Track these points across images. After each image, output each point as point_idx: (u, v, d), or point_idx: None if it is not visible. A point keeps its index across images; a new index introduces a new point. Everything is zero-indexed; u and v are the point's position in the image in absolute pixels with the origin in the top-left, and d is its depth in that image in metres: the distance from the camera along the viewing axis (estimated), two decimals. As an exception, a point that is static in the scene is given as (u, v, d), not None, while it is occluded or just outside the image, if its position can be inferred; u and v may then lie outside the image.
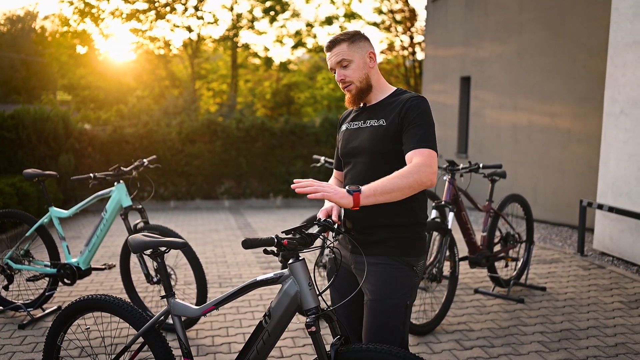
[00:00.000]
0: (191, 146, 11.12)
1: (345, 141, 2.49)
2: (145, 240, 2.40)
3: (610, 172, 6.27)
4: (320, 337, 2.06)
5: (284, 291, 2.12)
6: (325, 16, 21.70)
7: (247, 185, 11.59)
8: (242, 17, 20.31)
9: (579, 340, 4.05)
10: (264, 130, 11.50)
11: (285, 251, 2.04)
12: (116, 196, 4.19)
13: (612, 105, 6.21)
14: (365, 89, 2.40)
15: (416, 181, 2.10)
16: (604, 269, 5.85)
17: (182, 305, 2.40)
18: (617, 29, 6.12)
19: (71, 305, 2.56)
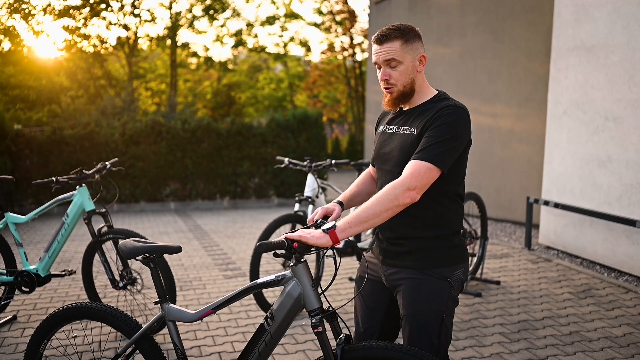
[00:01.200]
0: (135, 148, 10.85)
1: (379, 145, 2.36)
2: (138, 245, 2.35)
3: (554, 170, 6.59)
4: (327, 337, 2.08)
5: (287, 293, 2.12)
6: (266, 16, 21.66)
7: (193, 186, 11.43)
8: (181, 16, 19.98)
9: (537, 330, 4.26)
10: (210, 131, 11.36)
11: (296, 254, 2.03)
12: (78, 200, 4.07)
13: (555, 106, 6.53)
14: (407, 94, 2.22)
15: (392, 202, 2.00)
16: (551, 262, 6.15)
17: (177, 311, 2.35)
18: (560, 34, 6.44)
19: (57, 313, 2.47)
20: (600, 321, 4.44)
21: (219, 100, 21.19)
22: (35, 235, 8.13)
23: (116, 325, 2.41)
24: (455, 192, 2.23)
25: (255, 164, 11.71)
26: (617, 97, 5.66)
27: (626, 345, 3.97)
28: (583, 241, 6.20)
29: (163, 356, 2.39)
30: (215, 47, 24.65)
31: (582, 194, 6.14)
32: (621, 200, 5.65)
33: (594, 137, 5.97)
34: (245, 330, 4.26)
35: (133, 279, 4.12)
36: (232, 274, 5.89)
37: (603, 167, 5.87)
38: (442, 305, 2.17)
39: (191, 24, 20.01)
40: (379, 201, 2.01)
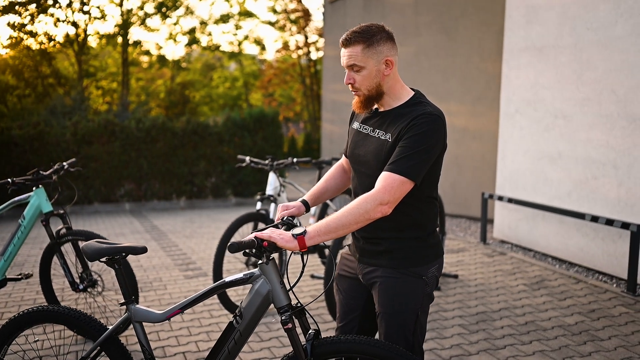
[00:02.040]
0: (88, 148, 10.60)
1: (353, 144, 2.35)
2: (102, 247, 2.31)
3: (507, 167, 6.79)
4: (296, 333, 2.10)
5: (255, 291, 2.13)
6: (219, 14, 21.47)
7: (148, 187, 11.25)
8: (132, 13, 19.61)
9: (494, 322, 4.40)
10: (165, 130, 11.20)
11: (266, 252, 2.05)
12: (35, 202, 3.97)
13: (507, 105, 6.74)
14: (374, 97, 2.20)
15: (363, 216, 2.01)
16: (506, 255, 6.35)
17: (143, 311, 2.33)
18: (511, 35, 6.64)
19: (17, 318, 2.41)
20: (554, 311, 4.62)
21: (172, 99, 20.89)
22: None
23: (80, 328, 2.37)
24: (429, 195, 2.23)
25: (212, 163, 11.62)
26: (566, 96, 5.89)
27: (578, 333, 4.15)
28: (536, 235, 6.43)
29: (130, 357, 2.37)
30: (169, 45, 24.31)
31: (535, 189, 6.36)
32: (571, 194, 5.88)
33: (545, 135, 6.19)
34: (209, 329, 4.25)
35: (93, 280, 4.05)
36: (192, 274, 5.85)
37: (554, 163, 6.09)
38: (417, 303, 2.19)
39: (143, 22, 19.66)
40: (350, 213, 2.01)
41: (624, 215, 5.28)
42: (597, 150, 5.55)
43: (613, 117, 5.37)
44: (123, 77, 19.96)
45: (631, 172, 5.22)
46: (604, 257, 5.55)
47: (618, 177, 5.35)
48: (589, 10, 5.60)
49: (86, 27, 18.94)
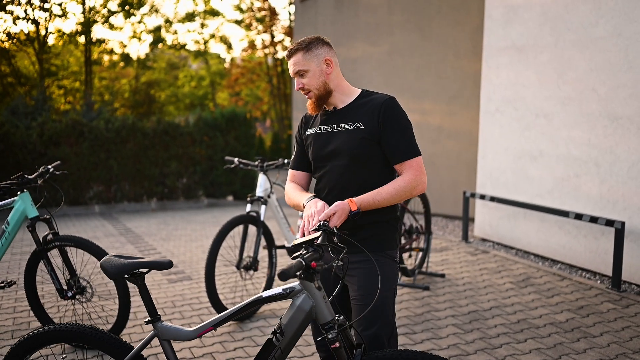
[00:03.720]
0: (55, 149, 10.28)
1: (317, 145, 2.50)
2: (124, 262, 2.19)
3: (487, 165, 6.85)
4: (345, 352, 2.00)
5: (297, 306, 2.04)
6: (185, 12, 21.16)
7: (118, 188, 10.99)
8: (95, 11, 19.14)
9: (487, 320, 4.42)
10: (135, 130, 10.96)
11: (315, 273, 1.98)
12: (20, 207, 3.81)
13: (487, 103, 6.80)
14: (324, 95, 2.46)
15: (407, 195, 2.34)
16: (489, 254, 6.40)
17: (172, 329, 2.21)
18: (491, 34, 6.70)
19: (36, 335, 2.23)
20: (544, 308, 4.66)
21: (137, 98, 20.49)
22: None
23: (104, 347, 2.23)
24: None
25: (183, 163, 11.43)
26: (547, 94, 5.97)
27: (571, 330, 4.19)
28: (517, 233, 6.50)
29: None
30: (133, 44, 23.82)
31: (516, 188, 6.43)
32: (553, 192, 5.96)
33: (526, 133, 6.26)
34: (244, 344, 4.04)
35: (82, 287, 3.90)
36: (176, 277, 5.72)
37: (535, 162, 6.17)
38: (394, 285, 2.40)
39: (107, 20, 19.21)
40: (397, 193, 2.31)
41: (606, 212, 5.38)
42: (579, 149, 5.64)
43: (594, 115, 5.46)
44: (86, 77, 19.48)
45: (613, 170, 5.32)
46: (586, 254, 5.64)
47: (600, 175, 5.44)
48: (569, 10, 5.68)
49: (47, 25, 18.41)
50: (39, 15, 18.21)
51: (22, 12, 18.00)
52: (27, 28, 23.21)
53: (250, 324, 4.41)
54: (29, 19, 18.02)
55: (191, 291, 5.25)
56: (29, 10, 17.92)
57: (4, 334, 4.21)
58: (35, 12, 17.97)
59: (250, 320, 4.49)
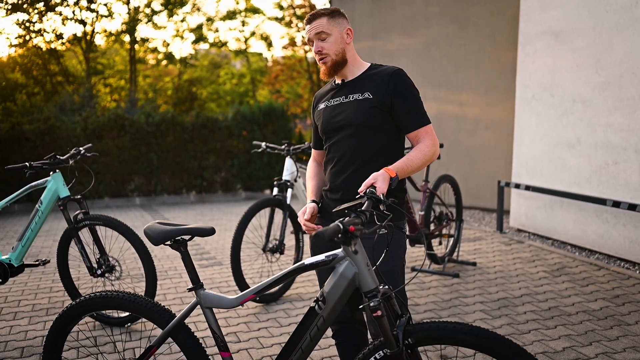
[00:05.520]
0: (98, 142, 10.57)
1: (327, 117, 2.55)
2: (167, 229, 2.19)
3: (524, 154, 6.70)
4: (386, 321, 1.94)
5: (340, 274, 1.98)
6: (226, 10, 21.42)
7: (158, 181, 11.21)
8: (139, 11, 19.58)
9: (516, 307, 4.32)
10: (174, 124, 11.16)
11: (353, 238, 1.92)
12: (52, 186, 3.92)
13: (523, 91, 6.65)
14: (340, 62, 2.48)
15: (429, 160, 2.39)
16: (523, 244, 6.26)
17: (214, 297, 2.21)
18: (527, 20, 6.55)
19: (82, 302, 2.30)
20: (577, 297, 4.53)
21: (180, 96, 20.85)
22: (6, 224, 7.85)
23: (148, 315, 2.26)
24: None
25: (222, 157, 11.57)
26: (585, 80, 5.79)
27: (604, 318, 4.06)
28: (554, 222, 6.33)
29: (200, 345, 2.24)
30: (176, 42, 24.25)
31: (552, 176, 6.27)
32: (591, 181, 5.78)
33: (563, 120, 6.09)
34: (276, 315, 4.13)
35: (111, 266, 4.00)
36: (207, 263, 5.80)
37: (572, 149, 6.00)
38: (403, 255, 2.45)
39: (150, 19, 19.63)
40: (424, 158, 2.35)
41: (646, 200, 5.19)
42: (618, 135, 5.46)
43: (634, 100, 5.27)
44: (131, 75, 19.95)
45: (653, 156, 5.12)
46: (626, 243, 5.45)
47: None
48: (607, -8, 5.50)
49: (93, 25, 18.93)
50: (86, 15, 18.76)
51: (71, 13, 18.60)
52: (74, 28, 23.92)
53: (275, 306, 4.43)
54: (76, 19, 18.58)
55: (220, 275, 5.32)
56: (76, 11, 18.48)
57: (39, 311, 4.36)
58: (83, 12, 18.51)
59: (276, 303, 4.52)
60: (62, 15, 18.52)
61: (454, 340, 1.90)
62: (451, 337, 1.90)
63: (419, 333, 1.93)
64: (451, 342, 1.91)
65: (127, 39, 19.70)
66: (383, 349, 1.98)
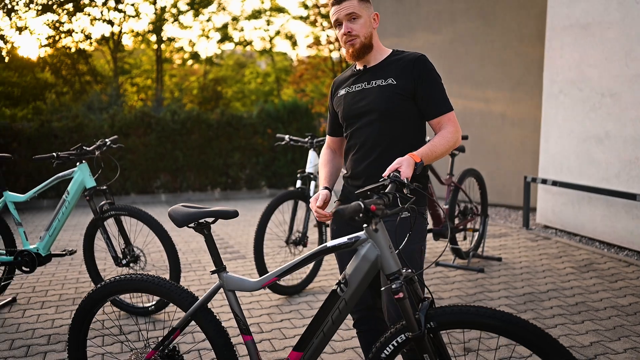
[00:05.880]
0: (124, 139, 10.69)
1: (348, 103, 2.53)
2: (191, 211, 2.20)
3: (550, 149, 6.60)
4: (408, 304, 1.93)
5: (362, 256, 1.98)
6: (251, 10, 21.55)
7: (184, 178, 11.31)
8: (165, 11, 19.79)
9: (542, 302, 4.25)
10: (199, 122, 11.24)
11: (374, 217, 1.91)
12: (79, 177, 3.98)
13: (551, 86, 6.55)
14: (367, 46, 2.46)
15: (453, 146, 2.38)
16: (550, 240, 6.16)
17: (237, 279, 2.22)
18: (554, 14, 6.45)
19: (107, 285, 2.33)
20: (605, 292, 4.44)
21: (205, 95, 21.03)
22: (35, 219, 7.99)
23: (170, 297, 2.28)
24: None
25: (246, 154, 11.62)
26: (614, 73, 5.68)
27: (633, 314, 3.98)
28: (582, 219, 6.22)
29: (222, 328, 2.25)
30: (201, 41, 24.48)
31: (580, 172, 6.16)
32: (620, 176, 5.67)
33: (591, 115, 5.98)
34: (291, 316, 4.10)
35: (136, 256, 4.04)
36: (230, 256, 5.83)
37: (600, 144, 5.89)
38: (423, 239, 2.44)
39: (176, 19, 19.83)
40: (447, 144, 2.34)
41: (678, 195, 5.06)
42: (648, 129, 5.34)
43: (665, 93, 5.15)
44: (157, 74, 20.19)
45: (685, 150, 5.00)
46: (655, 239, 5.34)
47: (671, 156, 5.13)
48: (638, -17, 5.39)
49: (121, 25, 19.20)
50: (114, 16, 19.02)
51: (99, 13, 18.89)
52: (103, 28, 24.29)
53: (298, 299, 4.44)
54: (104, 19, 18.86)
55: (244, 268, 5.35)
56: (104, 11, 18.76)
57: (65, 300, 4.43)
58: (110, 13, 18.78)
59: (299, 295, 4.52)
60: (90, 16, 18.82)
61: (477, 324, 1.87)
62: (474, 320, 1.87)
63: (441, 317, 1.91)
64: (474, 326, 1.89)
65: (154, 39, 19.93)
66: (405, 332, 1.97)
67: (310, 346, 2.12)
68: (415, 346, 1.96)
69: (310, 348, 2.12)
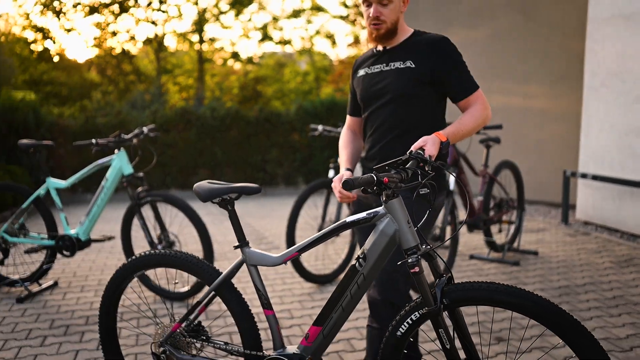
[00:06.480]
0: (165, 135, 10.93)
1: (366, 85, 2.53)
2: (215, 187, 2.26)
3: (591, 143, 6.45)
4: (424, 278, 1.95)
5: (380, 231, 1.99)
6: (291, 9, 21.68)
7: (222, 174, 11.47)
8: (207, 11, 20.09)
9: (579, 295, 4.17)
10: (238, 118, 11.39)
11: (386, 190, 1.91)
12: (117, 164, 4.11)
13: (592, 78, 6.40)
14: (392, 31, 2.44)
15: (482, 124, 2.37)
16: (590, 235, 6.03)
17: (259, 254, 2.26)
18: (596, 4, 6.30)
19: (135, 260, 2.42)
20: (645, 287, 4.33)
21: (245, 94, 21.25)
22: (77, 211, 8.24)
23: (195, 271, 2.34)
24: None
25: (284, 151, 11.71)
26: (658, 64, 5.52)
27: (674, 308, 3.86)
28: (623, 214, 6.06)
29: (245, 302, 2.30)
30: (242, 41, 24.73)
31: (622, 166, 6.00)
32: (663, 169, 5.51)
33: (634, 107, 5.82)
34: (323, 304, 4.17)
35: (171, 242, 4.14)
36: (265, 247, 5.90)
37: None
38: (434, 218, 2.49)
39: (217, 19, 20.10)
40: (476, 122, 2.33)
41: None
42: (693, 121, 5.17)
43: None
44: (198, 74, 20.50)
45: None
46: (700, 235, 5.16)
47: None
48: (683, -30, 5.23)
49: (164, 26, 19.57)
50: (157, 17, 19.41)
51: (143, 14, 19.31)
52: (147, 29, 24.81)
53: (330, 287, 4.47)
54: (148, 20, 19.27)
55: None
56: (148, 12, 19.16)
57: (104, 285, 4.53)
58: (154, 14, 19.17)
59: (331, 284, 4.55)
60: (134, 17, 19.25)
61: (493, 300, 1.86)
62: (490, 297, 1.86)
63: (457, 292, 1.91)
64: (490, 303, 1.88)
65: (196, 39, 20.24)
66: (420, 309, 1.97)
67: (329, 321, 2.14)
68: (431, 322, 1.96)
69: (329, 322, 2.14)
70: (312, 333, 2.19)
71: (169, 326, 2.44)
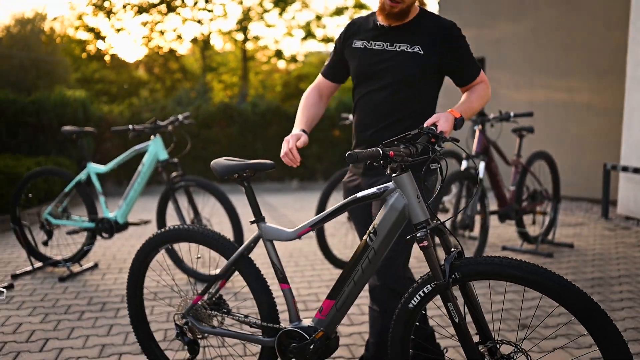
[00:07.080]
0: (207, 131, 11.17)
1: (365, 61, 2.40)
2: (231, 164, 2.34)
3: (633, 136, 6.29)
4: (434, 252, 1.97)
5: (390, 205, 2.01)
6: (335, 7, 21.76)
7: (263, 169, 11.63)
8: (251, 10, 20.37)
9: (612, 287, 4.10)
10: (279, 114, 11.55)
11: (392, 163, 1.93)
12: (153, 149, 4.27)
13: (635, 69, 6.24)
14: (406, 12, 2.30)
15: (486, 102, 2.41)
16: (630, 230, 5.88)
17: (274, 229, 2.33)
18: (639, -7, 6.15)
19: (159, 235, 2.53)
20: (683, 280, 4.22)
21: (288, 91, 21.47)
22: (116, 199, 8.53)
23: (215, 246, 2.44)
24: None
25: (323, 146, 11.80)
26: (703, 53, 5.35)
27: None
28: (665, 208, 5.90)
29: (262, 276, 2.39)
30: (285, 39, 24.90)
31: (664, 159, 5.84)
32: None
33: (677, 98, 5.66)
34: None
35: (203, 225, 4.27)
36: (299, 237, 5.99)
37: (687, 129, 5.56)
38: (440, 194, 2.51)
39: (261, 17, 20.35)
40: (481, 100, 2.35)
41: None
42: None
43: None
44: (243, 72, 20.81)
45: None
46: None
47: None
48: None
49: (210, 25, 19.95)
50: (202, 16, 19.80)
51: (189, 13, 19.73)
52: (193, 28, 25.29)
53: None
54: (194, 19, 19.68)
55: (309, 247, 5.48)
56: (194, 11, 19.57)
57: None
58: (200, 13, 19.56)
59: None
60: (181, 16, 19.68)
61: (503, 275, 1.87)
62: (499, 272, 1.88)
63: (466, 267, 1.93)
64: (500, 277, 1.89)
65: (240, 37, 20.55)
66: (431, 282, 1.99)
67: (342, 294, 2.19)
68: (440, 296, 1.99)
69: (342, 296, 2.20)
70: (325, 306, 2.25)
71: (191, 299, 2.54)
